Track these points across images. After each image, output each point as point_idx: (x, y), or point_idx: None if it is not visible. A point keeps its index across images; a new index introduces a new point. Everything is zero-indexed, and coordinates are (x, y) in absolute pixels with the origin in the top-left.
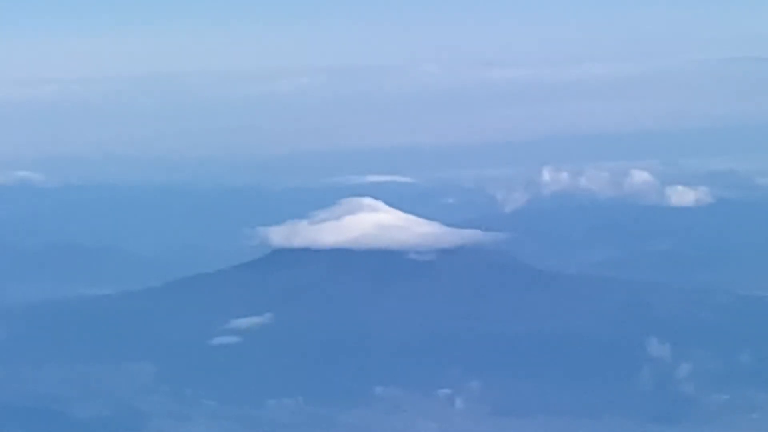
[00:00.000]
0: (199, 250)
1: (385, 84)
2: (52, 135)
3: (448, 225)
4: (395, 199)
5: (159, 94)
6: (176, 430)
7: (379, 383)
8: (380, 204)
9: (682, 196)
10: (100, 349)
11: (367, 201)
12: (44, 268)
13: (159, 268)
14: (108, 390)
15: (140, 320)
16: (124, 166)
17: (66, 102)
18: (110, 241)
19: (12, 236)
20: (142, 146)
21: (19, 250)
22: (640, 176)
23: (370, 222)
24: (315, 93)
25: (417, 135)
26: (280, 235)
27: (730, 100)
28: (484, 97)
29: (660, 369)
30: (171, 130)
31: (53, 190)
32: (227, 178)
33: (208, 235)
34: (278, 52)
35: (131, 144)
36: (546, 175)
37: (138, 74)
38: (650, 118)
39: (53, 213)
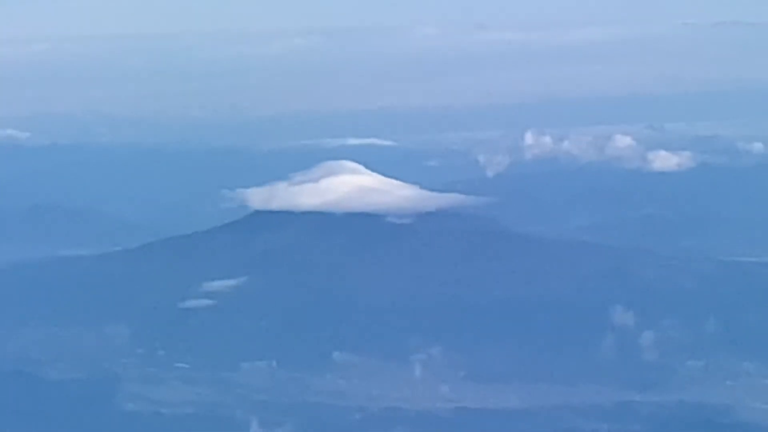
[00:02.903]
0: (180, 212)
1: (381, 46)
2: (41, 94)
3: (429, 188)
4: (377, 161)
5: (151, 54)
6: (149, 393)
7: (353, 347)
8: (360, 167)
9: (665, 161)
10: (74, 311)
11: (347, 164)
12: (24, 229)
13: (139, 229)
14: (81, 352)
15: (115, 282)
16: (112, 126)
17: (57, 61)
18: (92, 201)
19: None
20: (132, 106)
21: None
22: (623, 141)
23: (349, 185)
24: (309, 54)
25: (407, 97)
26: (259, 197)
27: (718, 64)
28: (478, 59)
29: (637, 335)
30: (162, 90)
31: (39, 149)
32: (215, 140)
33: (190, 197)
34: (273, 12)
35: (121, 104)
36: (529, 138)
37: (130, 34)
38: (639, 83)
39: (37, 172)
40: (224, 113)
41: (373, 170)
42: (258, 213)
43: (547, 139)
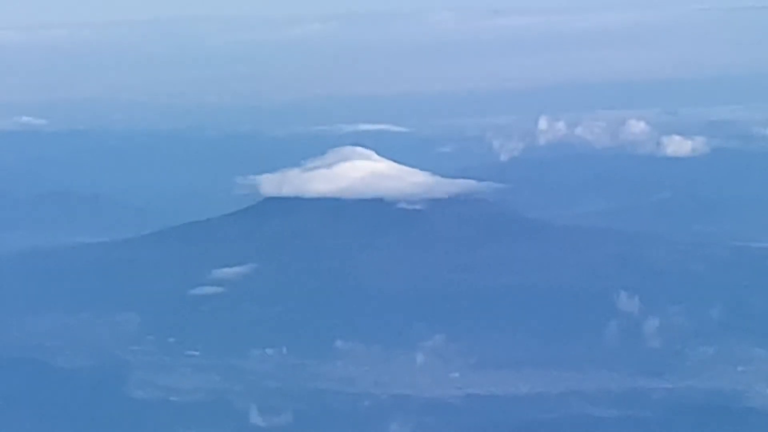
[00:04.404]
0: (193, 198)
1: (397, 31)
2: (59, 80)
3: (442, 174)
4: (390, 147)
5: (167, 39)
6: (159, 380)
7: (364, 334)
8: (372, 153)
9: (679, 146)
10: (85, 297)
11: (359, 150)
12: (38, 216)
13: (152, 216)
14: (92, 339)
15: (127, 269)
16: (130, 112)
17: (74, 47)
18: (106, 188)
19: (8, 183)
20: (148, 92)
21: (14, 197)
22: (637, 126)
23: (361, 171)
24: (327, 40)
25: (422, 83)
26: (271, 183)
27: (733, 49)
28: (493, 44)
29: (648, 321)
30: (180, 76)
31: (55, 135)
32: (229, 126)
33: (203, 183)
34: None
35: (139, 89)
36: (543, 124)
37: (148, 19)
38: (653, 67)
39: (53, 159)
40: (240, 99)
41: (385, 156)
42: (270, 199)
43: (561, 125)
